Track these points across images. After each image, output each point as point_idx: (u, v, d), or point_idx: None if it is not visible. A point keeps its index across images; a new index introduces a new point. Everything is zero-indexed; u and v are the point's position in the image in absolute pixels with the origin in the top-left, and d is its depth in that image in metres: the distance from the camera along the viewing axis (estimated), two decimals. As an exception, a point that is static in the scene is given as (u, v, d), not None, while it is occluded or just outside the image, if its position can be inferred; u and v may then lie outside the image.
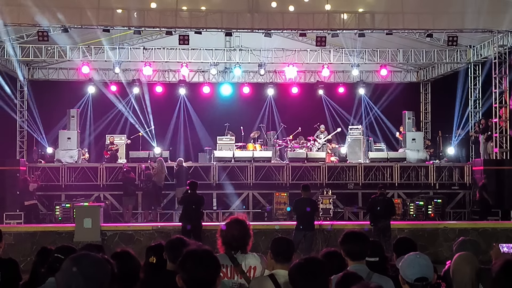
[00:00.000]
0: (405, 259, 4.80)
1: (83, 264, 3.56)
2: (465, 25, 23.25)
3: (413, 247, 6.52)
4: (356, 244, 5.77)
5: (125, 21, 22.58)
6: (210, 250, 4.28)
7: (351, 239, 5.82)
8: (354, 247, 5.75)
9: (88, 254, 3.64)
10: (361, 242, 5.82)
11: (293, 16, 22.76)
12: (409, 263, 4.73)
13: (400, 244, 6.86)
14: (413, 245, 6.77)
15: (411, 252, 5.08)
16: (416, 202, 23.36)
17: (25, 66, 28.86)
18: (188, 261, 4.12)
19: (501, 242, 11.88)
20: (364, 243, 5.84)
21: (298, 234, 16.97)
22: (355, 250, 5.74)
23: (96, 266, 3.59)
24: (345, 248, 5.78)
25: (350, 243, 5.78)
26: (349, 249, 5.75)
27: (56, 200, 23.46)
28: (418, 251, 5.33)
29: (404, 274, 4.71)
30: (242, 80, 30.02)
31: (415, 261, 4.73)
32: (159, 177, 23.53)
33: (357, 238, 5.83)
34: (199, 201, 17.85)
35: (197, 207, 17.80)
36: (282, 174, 24.90)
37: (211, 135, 27.23)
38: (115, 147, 26.38)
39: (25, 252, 18.16)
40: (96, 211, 20.12)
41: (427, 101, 31.43)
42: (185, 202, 17.97)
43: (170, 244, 6.32)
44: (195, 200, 17.76)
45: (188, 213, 17.76)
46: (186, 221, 17.68)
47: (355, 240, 5.80)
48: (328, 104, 30.31)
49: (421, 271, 4.67)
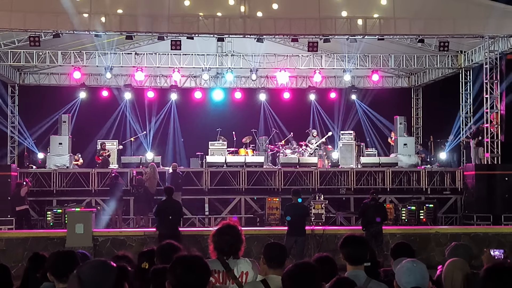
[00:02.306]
0: (401, 266, 4.80)
1: (83, 268, 3.59)
2: (456, 30, 23.33)
3: (411, 252, 6.54)
4: (357, 248, 5.72)
5: (117, 26, 22.53)
6: (200, 256, 4.29)
7: (352, 243, 5.76)
8: (354, 251, 5.69)
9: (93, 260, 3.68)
10: (361, 246, 5.78)
11: (285, 22, 22.77)
12: (405, 271, 4.72)
13: (398, 249, 6.87)
14: (410, 250, 6.78)
15: (408, 257, 5.08)
16: (408, 207, 23.40)
17: (17, 71, 28.77)
18: (177, 266, 4.13)
19: (492, 247, 11.91)
20: (364, 248, 5.79)
21: (289, 239, 16.97)
22: (355, 254, 5.69)
23: (96, 270, 3.62)
24: (345, 252, 5.71)
25: (350, 247, 5.72)
26: (349, 253, 5.69)
27: (48, 206, 23.38)
28: (415, 256, 5.34)
29: (400, 281, 4.71)
30: (234, 85, 30.02)
31: (412, 269, 4.72)
32: (151, 182, 23.48)
33: (358, 242, 5.79)
34: (175, 209, 17.55)
35: (174, 215, 17.47)
36: (274, 179, 24.90)
37: (203, 140, 27.20)
38: (107, 152, 26.32)
39: (16, 258, 18.13)
40: (88, 216, 20.08)
41: (418, 107, 31.49)
42: (161, 213, 17.51)
43: (161, 250, 6.33)
44: (172, 209, 17.41)
45: (165, 222, 17.36)
46: (163, 229, 17.27)
47: (355, 244, 5.75)
48: (320, 109, 30.35)
49: (416, 280, 4.67)
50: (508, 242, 20.19)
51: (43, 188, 24.30)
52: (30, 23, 22.05)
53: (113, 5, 22.23)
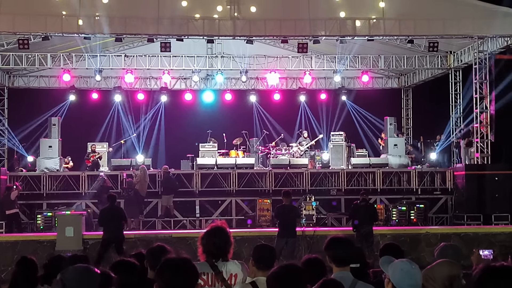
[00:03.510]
0: (398, 267, 4.77)
1: (66, 274, 3.59)
2: (445, 31, 23.42)
3: (400, 253, 6.52)
4: (342, 249, 5.69)
5: (106, 28, 22.48)
6: (188, 258, 4.30)
7: (337, 244, 5.74)
8: (340, 252, 5.67)
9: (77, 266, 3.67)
10: (347, 247, 5.75)
11: (275, 23, 22.77)
12: (406, 273, 4.70)
13: (387, 249, 6.86)
14: (400, 251, 6.78)
15: (396, 257, 5.07)
16: (399, 208, 23.44)
17: (6, 74, 28.65)
18: (165, 269, 4.15)
19: (483, 247, 11.94)
20: (349, 249, 5.77)
21: (280, 241, 16.97)
22: (340, 255, 5.66)
23: (79, 276, 3.61)
24: (330, 254, 5.69)
25: (336, 248, 5.70)
26: (334, 254, 5.67)
27: (38, 209, 23.31)
28: (404, 257, 5.32)
29: (397, 283, 4.69)
30: (224, 87, 29.99)
31: (411, 271, 4.72)
32: (142, 185, 23.43)
33: (343, 244, 5.76)
34: (118, 216, 18.33)
35: (117, 221, 18.23)
36: (265, 181, 24.90)
37: (193, 142, 27.16)
38: (97, 155, 26.24)
39: (6, 261, 18.06)
40: (78, 219, 20.03)
41: (408, 107, 31.55)
42: (105, 221, 18.30)
43: (151, 252, 6.33)
44: (115, 217, 18.18)
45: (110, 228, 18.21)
46: (107, 233, 18.17)
47: (340, 246, 5.72)
48: (310, 110, 30.35)
49: (416, 282, 4.68)
50: (498, 242, 20.27)
51: (33, 191, 24.21)
52: (19, 26, 22.00)
53: (102, 7, 22.16)
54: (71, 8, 21.82)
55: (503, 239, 20.55)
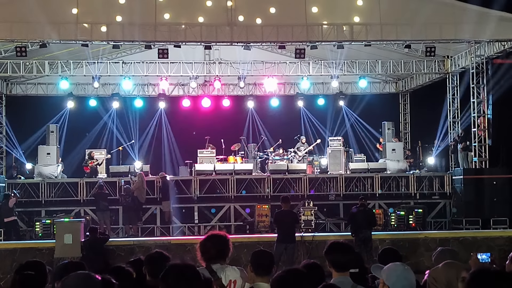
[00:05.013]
0: (393, 270, 4.80)
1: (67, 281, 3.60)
2: (442, 35, 23.46)
3: (398, 258, 6.53)
4: (342, 254, 5.71)
5: (104, 35, 22.49)
6: (192, 264, 4.32)
7: (337, 249, 5.76)
8: (340, 257, 5.69)
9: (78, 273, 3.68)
10: (346, 252, 5.77)
11: (272, 29, 22.80)
12: (400, 276, 4.75)
13: (386, 254, 6.87)
14: (398, 255, 6.79)
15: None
16: (397, 212, 23.44)
17: (3, 81, 28.63)
18: (170, 275, 4.17)
19: (482, 251, 11.93)
20: (349, 254, 5.79)
21: (279, 246, 16.97)
22: (340, 260, 5.68)
23: (80, 283, 3.62)
24: (330, 259, 5.70)
25: (335, 253, 5.72)
26: (334, 259, 5.68)
27: (36, 216, 23.29)
28: (402, 261, 5.35)
29: (393, 284, 4.71)
30: (222, 93, 30.01)
31: (405, 272, 4.78)
32: (140, 192, 23.42)
33: (342, 249, 5.78)
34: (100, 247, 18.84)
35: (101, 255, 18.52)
36: (264, 186, 24.90)
37: (191, 148, 27.15)
38: (96, 161, 26.22)
39: (5, 269, 18.03)
40: (77, 226, 20.00)
41: (406, 112, 31.57)
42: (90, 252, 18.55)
43: (150, 258, 6.33)
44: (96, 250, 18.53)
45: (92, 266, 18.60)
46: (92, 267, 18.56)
47: (340, 251, 5.75)
48: (308, 115, 30.37)
49: (411, 282, 4.73)
50: (497, 246, 20.27)
51: (32, 198, 24.20)
52: (16, 33, 21.99)
53: (99, 14, 22.19)
54: (69, 16, 21.83)
55: (502, 243, 20.56)
